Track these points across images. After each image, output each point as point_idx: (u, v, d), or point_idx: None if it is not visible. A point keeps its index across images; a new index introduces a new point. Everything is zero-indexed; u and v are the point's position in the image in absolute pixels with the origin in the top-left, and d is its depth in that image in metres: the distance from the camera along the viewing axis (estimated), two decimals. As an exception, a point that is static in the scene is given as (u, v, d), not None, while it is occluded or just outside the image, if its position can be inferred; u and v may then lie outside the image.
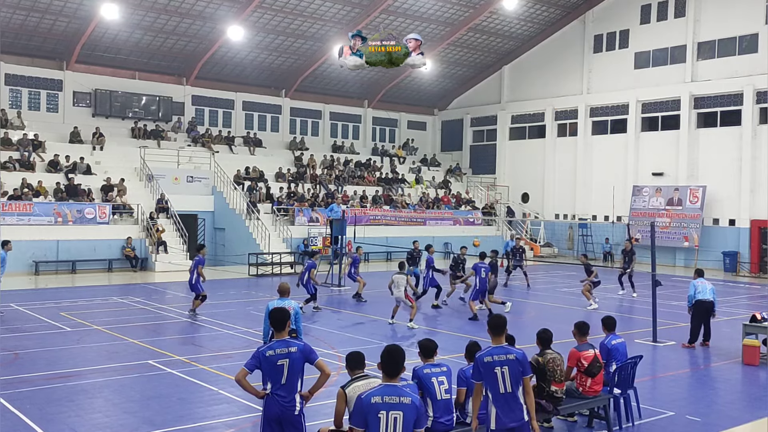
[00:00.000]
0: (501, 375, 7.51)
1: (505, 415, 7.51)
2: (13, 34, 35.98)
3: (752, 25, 36.93)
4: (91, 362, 14.24)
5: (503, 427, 7.52)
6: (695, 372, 14.30)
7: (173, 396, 11.83)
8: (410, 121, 52.74)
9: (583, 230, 42.46)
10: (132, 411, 10.99)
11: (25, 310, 20.18)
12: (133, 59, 40.11)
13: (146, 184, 35.09)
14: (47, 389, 12.04)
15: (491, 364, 7.53)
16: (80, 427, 10.12)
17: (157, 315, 20.25)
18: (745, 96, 36.80)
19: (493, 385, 7.53)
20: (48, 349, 15.27)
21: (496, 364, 7.52)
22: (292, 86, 45.68)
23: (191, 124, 41.91)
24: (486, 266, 20.75)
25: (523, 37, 46.51)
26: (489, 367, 7.53)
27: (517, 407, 7.54)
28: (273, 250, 32.72)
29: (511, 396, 7.53)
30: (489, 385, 7.56)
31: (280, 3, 37.70)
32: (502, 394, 7.51)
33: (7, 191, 30.04)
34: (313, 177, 41.50)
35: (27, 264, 29.01)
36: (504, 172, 48.55)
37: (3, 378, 12.57)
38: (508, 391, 7.51)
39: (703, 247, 37.35)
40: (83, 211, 30.90)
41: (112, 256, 31.01)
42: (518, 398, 7.55)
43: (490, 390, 7.56)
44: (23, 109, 37.08)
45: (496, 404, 7.53)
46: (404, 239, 36.55)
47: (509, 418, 7.51)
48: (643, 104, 41.36)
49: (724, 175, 37.46)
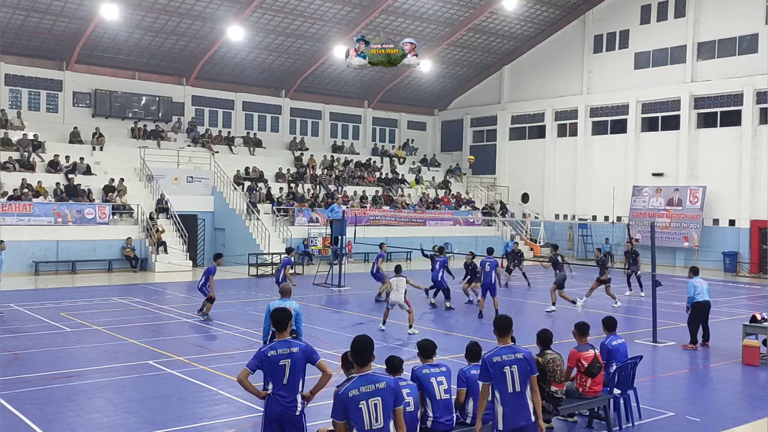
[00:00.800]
0: (510, 374, 7.57)
1: (513, 414, 7.57)
2: (13, 35, 36.01)
3: (752, 25, 36.94)
4: (91, 362, 14.24)
5: (511, 426, 7.57)
6: (695, 372, 14.31)
7: (173, 396, 11.83)
8: (410, 121, 52.75)
9: (583, 230, 42.49)
10: (132, 411, 11.00)
11: (25, 310, 20.18)
12: (133, 59, 40.13)
13: (146, 184, 35.09)
14: (47, 389, 12.04)
15: (501, 363, 7.60)
16: (80, 428, 10.12)
17: (157, 315, 20.27)
18: (745, 96, 36.81)
19: (502, 385, 7.58)
20: (48, 349, 15.27)
21: (505, 363, 7.60)
22: (292, 86, 45.68)
23: (191, 124, 41.92)
24: (492, 261, 20.86)
25: (523, 38, 46.52)
26: (498, 367, 7.58)
27: (525, 406, 7.61)
28: (273, 250, 32.69)
29: (519, 395, 7.60)
30: (498, 386, 7.60)
31: (280, 3, 37.71)
32: (510, 393, 7.57)
33: (7, 191, 30.03)
34: (313, 177, 41.50)
35: (27, 264, 29.01)
36: (504, 173, 48.56)
37: (3, 378, 12.57)
38: (516, 391, 7.58)
39: (703, 248, 37.37)
40: (83, 211, 30.91)
41: (112, 257, 31.01)
42: (526, 397, 7.63)
43: (498, 390, 7.60)
44: (23, 109, 37.09)
45: (504, 404, 7.58)
46: (404, 240, 36.72)
47: (518, 418, 7.58)
48: (643, 104, 41.36)
49: (724, 175, 37.46)
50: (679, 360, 15.37)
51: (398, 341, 16.69)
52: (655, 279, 17.18)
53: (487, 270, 20.62)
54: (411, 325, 17.96)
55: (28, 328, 17.57)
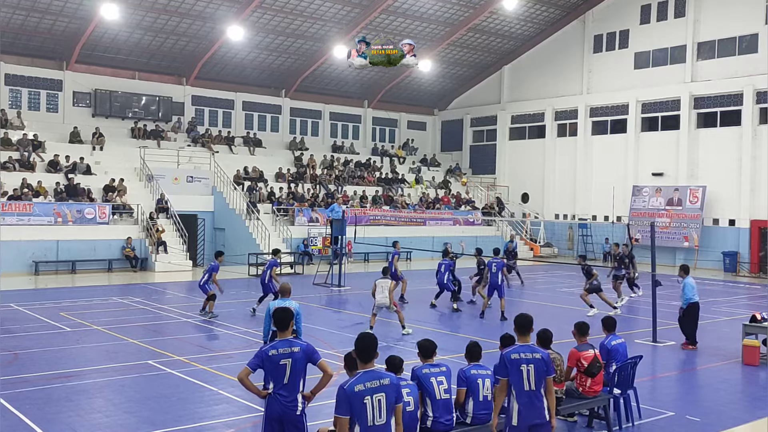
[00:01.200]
0: (527, 373, 7.69)
1: (528, 411, 7.68)
2: (13, 34, 36.01)
3: (752, 25, 36.93)
4: (91, 362, 14.24)
5: (526, 423, 7.69)
6: (695, 372, 14.31)
7: (173, 396, 11.83)
8: (410, 121, 52.75)
9: (583, 230, 42.48)
10: (132, 411, 10.99)
11: (24, 310, 20.18)
12: (133, 59, 40.12)
13: (146, 184, 35.08)
14: (47, 389, 12.04)
15: (518, 361, 7.74)
16: (80, 427, 10.12)
17: (157, 315, 20.26)
18: (745, 96, 36.81)
19: (518, 382, 7.71)
20: (48, 349, 15.27)
21: (522, 361, 7.73)
22: (292, 86, 45.68)
23: (191, 124, 41.92)
24: (499, 262, 20.92)
25: (523, 37, 46.51)
26: (516, 364, 7.70)
27: (540, 405, 7.72)
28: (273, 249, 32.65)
29: (535, 394, 7.71)
30: (513, 382, 7.73)
31: (280, 3, 37.71)
32: (526, 391, 7.69)
33: (7, 191, 30.04)
34: (313, 177, 41.50)
35: (27, 264, 29.01)
36: (504, 173, 48.57)
37: (3, 378, 12.57)
38: (532, 389, 7.70)
39: (703, 247, 37.38)
40: (83, 211, 30.90)
41: (112, 256, 31.00)
42: (541, 396, 7.74)
43: (514, 387, 7.72)
44: (23, 109, 37.10)
45: (519, 401, 7.70)
46: (404, 239, 36.60)
47: (532, 415, 7.69)
48: (643, 104, 41.36)
49: (724, 175, 37.46)
50: (679, 360, 15.37)
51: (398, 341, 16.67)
52: (655, 279, 17.18)
53: (494, 271, 20.69)
54: (403, 325, 17.75)
55: (27, 328, 17.57)
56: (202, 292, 20.15)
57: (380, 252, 36.30)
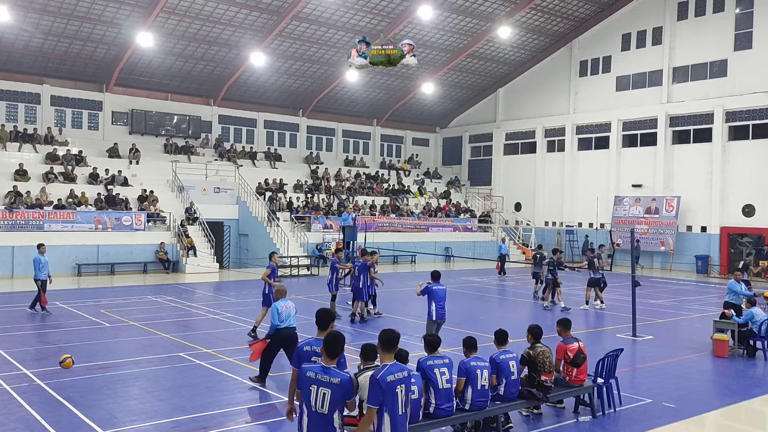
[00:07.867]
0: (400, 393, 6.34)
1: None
2: (58, 60, 36.23)
3: (722, 51, 36.86)
4: (127, 354, 14.25)
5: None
6: (671, 363, 14.25)
7: (201, 385, 11.83)
8: (414, 138, 52.76)
9: (570, 236, 42.49)
10: (164, 398, 11.01)
11: (68, 307, 20.25)
12: (165, 82, 40.28)
13: (177, 194, 35.17)
14: (88, 379, 12.06)
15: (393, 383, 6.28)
16: (118, 413, 10.14)
17: (187, 312, 20.28)
18: (715, 116, 36.71)
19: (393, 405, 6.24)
20: (89, 342, 15.31)
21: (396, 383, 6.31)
22: (308, 107, 45.77)
23: (218, 140, 42.02)
24: (362, 264, 19.28)
25: (516, 63, 46.51)
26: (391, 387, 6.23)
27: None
28: (291, 253, 32.75)
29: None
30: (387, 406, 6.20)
31: (299, 31, 37.82)
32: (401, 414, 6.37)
33: (53, 201, 30.19)
34: (328, 188, 41.53)
35: (70, 266, 29.12)
36: (499, 184, 48.51)
37: (49, 369, 12.61)
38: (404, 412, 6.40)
39: (678, 251, 37.31)
40: (121, 218, 31.00)
41: (147, 260, 31.06)
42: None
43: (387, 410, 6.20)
44: (67, 127, 37.32)
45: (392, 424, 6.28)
46: (409, 244, 36.92)
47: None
48: (624, 123, 41.28)
49: (696, 186, 37.36)
50: (656, 353, 15.32)
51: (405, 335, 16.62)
52: (635, 280, 17.15)
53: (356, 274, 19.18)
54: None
55: (71, 324, 17.63)
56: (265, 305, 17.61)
57: (387, 256, 36.34)
